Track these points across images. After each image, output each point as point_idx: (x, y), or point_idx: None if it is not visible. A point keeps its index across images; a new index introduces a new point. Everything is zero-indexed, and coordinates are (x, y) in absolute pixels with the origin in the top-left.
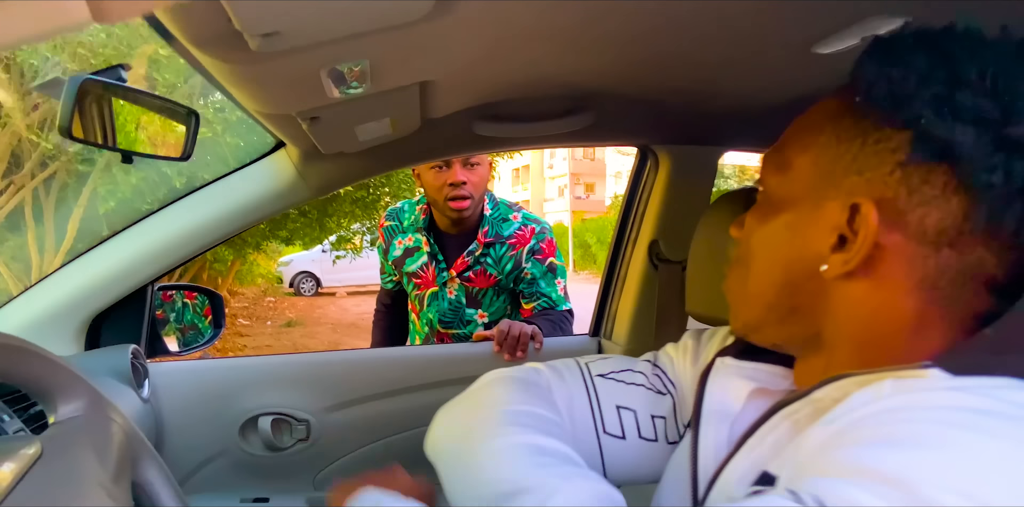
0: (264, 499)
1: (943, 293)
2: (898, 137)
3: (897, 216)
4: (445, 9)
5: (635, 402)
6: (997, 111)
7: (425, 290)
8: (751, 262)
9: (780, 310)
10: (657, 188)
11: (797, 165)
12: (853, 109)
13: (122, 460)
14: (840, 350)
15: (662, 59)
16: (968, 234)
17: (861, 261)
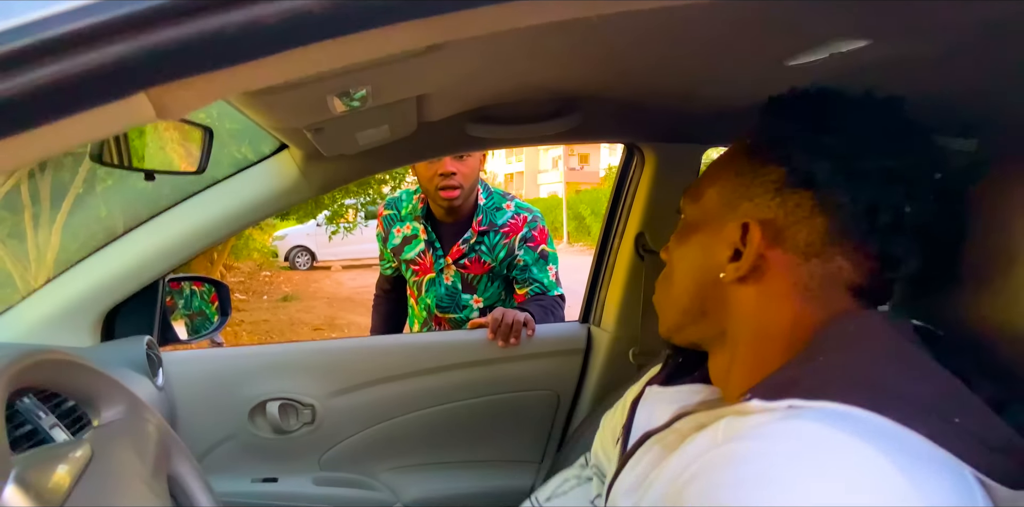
0: (273, 479)
1: (814, 295)
2: (777, 171)
3: (777, 233)
4: (437, 45)
5: (575, 501)
6: (848, 149)
7: (423, 276)
8: (672, 275)
9: (693, 313)
10: (643, 183)
11: (707, 195)
12: (748, 150)
13: (158, 456)
14: (740, 345)
15: (645, 69)
16: (828, 245)
17: (749, 268)
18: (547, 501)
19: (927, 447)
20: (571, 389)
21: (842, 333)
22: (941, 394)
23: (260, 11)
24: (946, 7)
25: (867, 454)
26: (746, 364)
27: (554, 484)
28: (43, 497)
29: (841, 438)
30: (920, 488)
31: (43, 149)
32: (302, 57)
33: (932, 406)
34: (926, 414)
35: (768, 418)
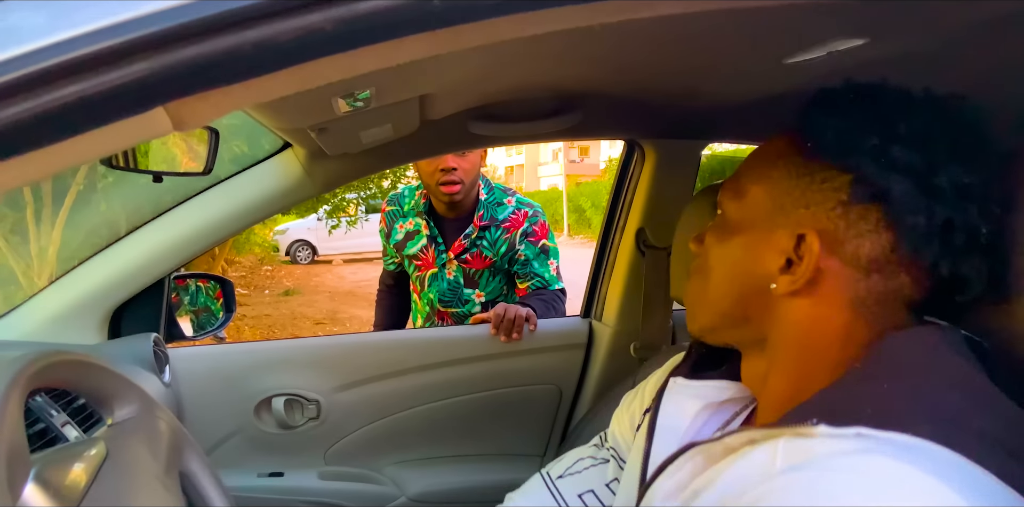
0: (279, 473)
1: (870, 310)
2: (841, 179)
3: (836, 245)
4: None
5: (590, 482)
6: (923, 163)
7: (425, 271)
8: (710, 274)
9: (733, 318)
10: (643, 178)
11: (752, 194)
12: (804, 150)
13: (171, 453)
14: (782, 354)
15: (645, 67)
16: (894, 264)
17: (805, 282)
18: (559, 478)
19: (994, 485)
20: (573, 383)
21: (906, 354)
22: (1008, 428)
23: (275, 29)
24: (940, 6)
25: (942, 492)
26: (788, 374)
27: (568, 461)
28: (62, 495)
29: (917, 476)
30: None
31: (64, 161)
32: (313, 70)
33: (1001, 441)
34: (994, 450)
35: (835, 447)
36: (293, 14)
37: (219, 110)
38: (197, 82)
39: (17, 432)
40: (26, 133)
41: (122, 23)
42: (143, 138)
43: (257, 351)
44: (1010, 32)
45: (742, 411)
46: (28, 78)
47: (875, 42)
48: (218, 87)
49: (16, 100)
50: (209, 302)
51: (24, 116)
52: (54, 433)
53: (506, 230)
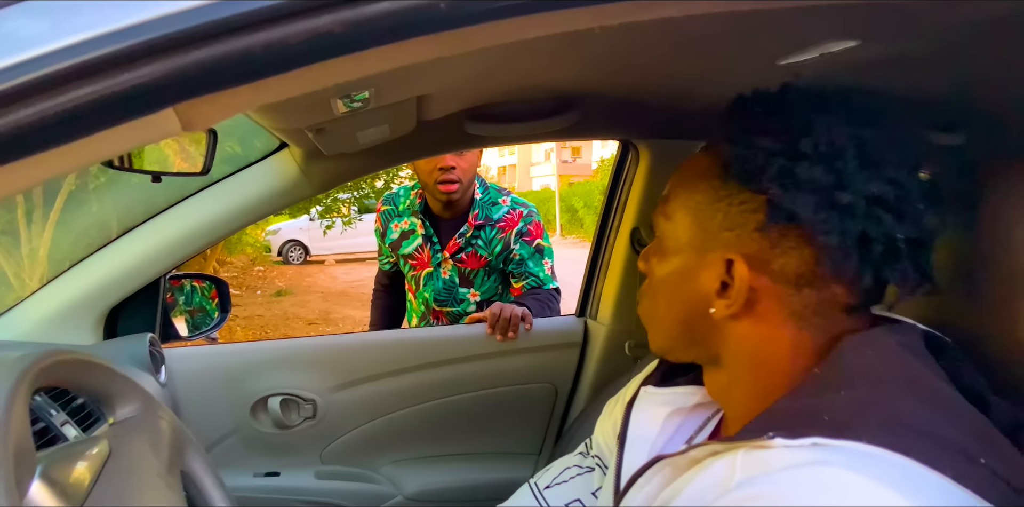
0: (275, 473)
1: (810, 322)
2: (756, 200)
3: (763, 264)
4: None
5: (576, 492)
6: (830, 178)
7: (421, 271)
8: (656, 297)
9: (684, 340)
10: (638, 178)
11: (678, 219)
12: (721, 171)
13: (172, 452)
14: (738, 370)
15: (641, 68)
16: (822, 277)
17: (741, 305)
18: (547, 489)
19: (953, 489)
20: (568, 382)
21: (861, 360)
22: (967, 433)
23: (286, 32)
24: (933, 8)
25: (893, 500)
26: (748, 389)
27: (555, 471)
28: (67, 493)
29: (866, 485)
30: None
31: (76, 162)
32: (320, 71)
33: (959, 446)
34: (953, 455)
35: (791, 459)
36: (303, 17)
37: (227, 111)
38: (207, 84)
39: (23, 430)
40: (43, 133)
41: (135, 26)
42: (153, 139)
43: (253, 351)
44: (1001, 34)
45: (713, 416)
46: (45, 79)
47: (867, 44)
48: (228, 88)
49: (33, 101)
50: (204, 302)
51: (41, 116)
52: (54, 432)
53: (501, 230)
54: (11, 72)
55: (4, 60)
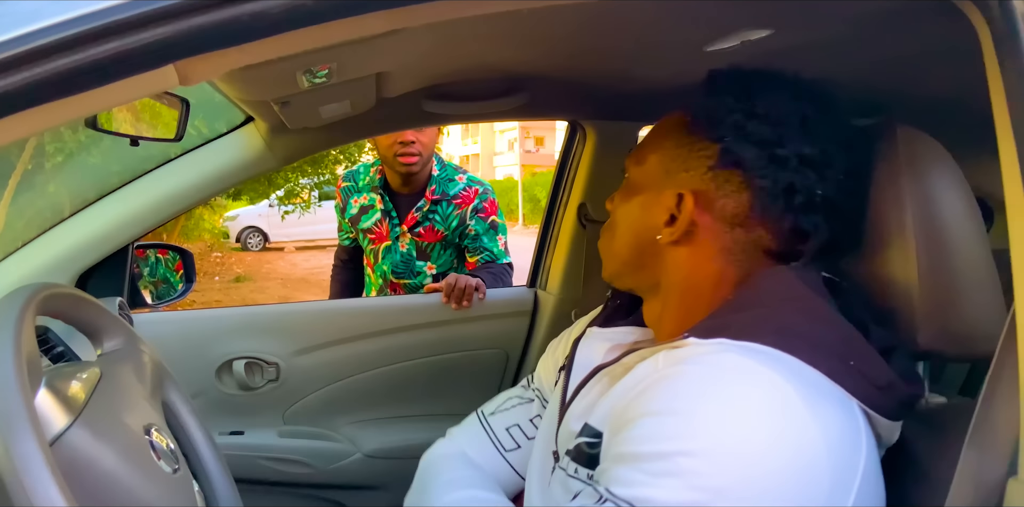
0: (239, 432)
1: (736, 257)
2: (712, 148)
3: (707, 203)
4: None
5: (516, 418)
6: (774, 136)
7: (379, 244)
8: (615, 229)
9: (632, 264)
10: (585, 157)
11: (649, 161)
12: (688, 125)
13: (154, 382)
14: (671, 296)
15: (584, 52)
16: (753, 219)
17: (682, 233)
18: (491, 415)
19: (825, 382)
20: (519, 348)
21: (766, 289)
22: (840, 340)
23: (267, 4)
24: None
25: (775, 380)
26: (676, 312)
27: (499, 400)
28: (67, 403)
29: (756, 367)
30: (813, 409)
31: (93, 106)
32: (293, 38)
33: (832, 350)
34: (827, 356)
35: (701, 350)
36: None
37: (218, 69)
38: (203, 45)
39: (32, 344)
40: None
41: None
42: (156, 90)
43: (219, 317)
44: (893, 25)
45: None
46: (79, 36)
47: (780, 33)
48: (219, 49)
49: (69, 52)
50: (168, 273)
51: (74, 66)
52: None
53: (457, 206)
54: (53, 29)
55: (50, 19)
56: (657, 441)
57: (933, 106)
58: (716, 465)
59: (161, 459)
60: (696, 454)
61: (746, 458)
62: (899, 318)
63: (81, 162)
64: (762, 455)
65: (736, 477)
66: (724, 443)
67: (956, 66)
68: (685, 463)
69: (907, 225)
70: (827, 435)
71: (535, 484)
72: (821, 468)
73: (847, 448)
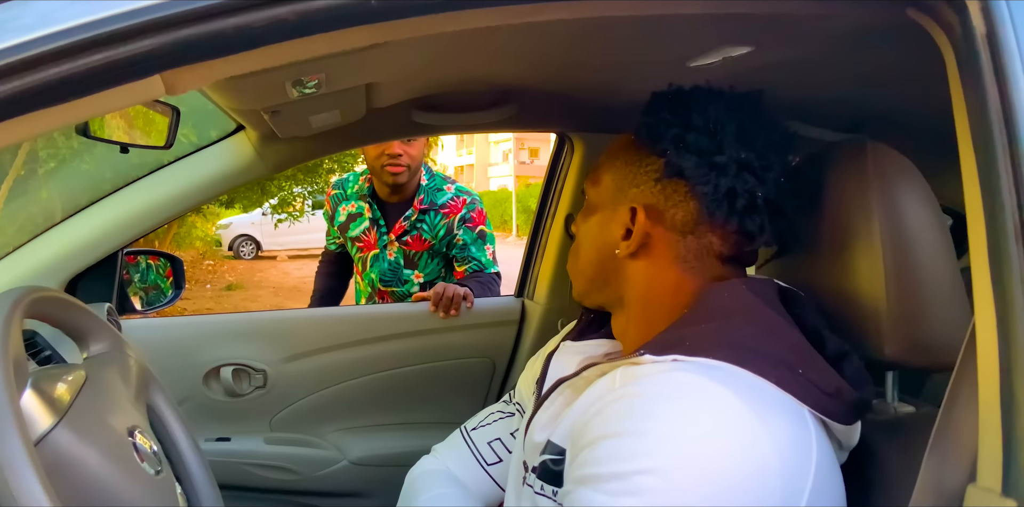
0: (226, 439)
1: (691, 265)
2: (656, 162)
3: (658, 215)
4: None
5: (498, 432)
6: (711, 145)
7: (367, 252)
8: (579, 249)
9: (597, 281)
10: (572, 168)
11: (603, 181)
12: (634, 143)
13: (139, 385)
14: (634, 308)
15: (570, 64)
16: (702, 226)
17: (638, 246)
18: (473, 430)
19: (775, 392)
20: (506, 356)
21: (718, 302)
22: (789, 351)
23: (250, 18)
24: (806, 21)
25: (726, 396)
26: (639, 324)
27: (482, 416)
28: (52, 405)
29: (707, 384)
30: (763, 421)
31: (81, 114)
32: (277, 50)
33: (782, 361)
34: (776, 367)
35: (655, 369)
36: (265, 6)
37: (203, 80)
38: (189, 56)
39: (19, 346)
40: (64, 88)
41: (138, 9)
42: (142, 99)
43: (207, 323)
44: (866, 45)
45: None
46: (68, 47)
47: (760, 50)
48: (204, 61)
49: (58, 63)
50: (159, 279)
51: (63, 75)
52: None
53: (445, 215)
54: (41, 41)
55: (38, 31)
56: (615, 462)
57: (908, 122)
58: (673, 482)
59: (144, 461)
60: (653, 472)
61: (701, 473)
62: (867, 329)
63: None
64: (716, 469)
65: (693, 492)
66: (679, 460)
67: (928, 84)
68: (643, 481)
69: (875, 239)
70: (777, 445)
71: (512, 495)
72: (772, 475)
73: (798, 454)
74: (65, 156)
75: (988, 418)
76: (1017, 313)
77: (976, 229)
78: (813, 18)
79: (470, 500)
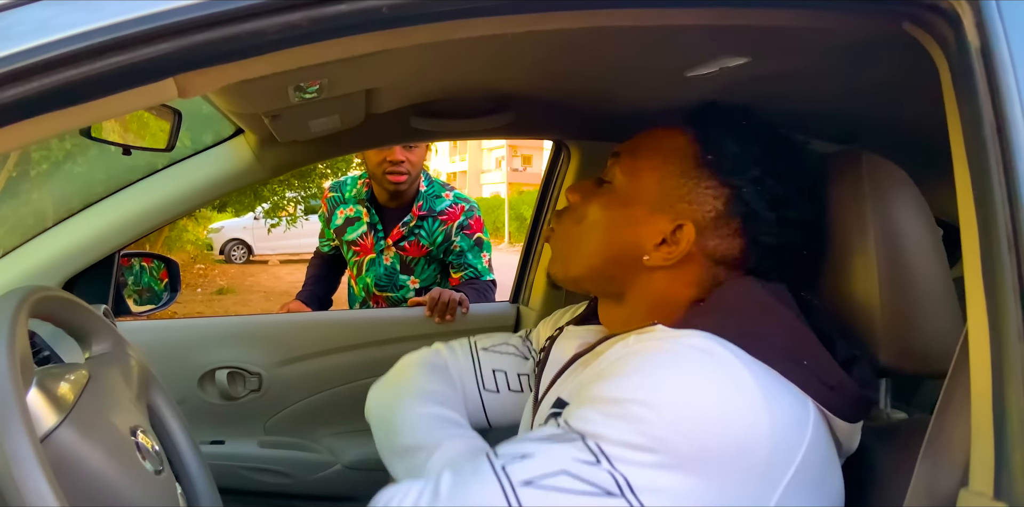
0: (220, 442)
1: (706, 287)
2: (722, 191)
3: (701, 239)
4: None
5: (506, 365)
6: (783, 196)
7: (363, 257)
8: (588, 231)
9: (602, 274)
10: (569, 175)
11: (644, 177)
12: (699, 156)
13: (140, 385)
14: (639, 308)
15: (567, 73)
16: (738, 263)
17: (676, 261)
18: (483, 350)
19: (779, 379)
20: None
21: (731, 296)
22: (795, 343)
23: (265, 23)
24: (802, 33)
25: (736, 363)
26: (644, 323)
27: (496, 339)
28: (57, 403)
29: (720, 349)
30: (766, 395)
31: (94, 116)
32: (288, 55)
33: (787, 351)
34: (781, 356)
35: (670, 333)
36: (278, 13)
37: (215, 83)
38: (202, 60)
39: (25, 344)
40: (79, 90)
41: (154, 14)
42: (155, 102)
43: (203, 326)
44: (862, 56)
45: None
46: (85, 50)
47: (757, 61)
48: (217, 65)
49: (81, 64)
50: (153, 282)
51: (80, 77)
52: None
53: (443, 222)
54: (60, 44)
55: (59, 34)
56: (616, 390)
57: (901, 133)
58: (664, 418)
59: (146, 460)
60: (649, 405)
61: (693, 420)
62: (861, 337)
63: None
64: (708, 421)
65: (680, 433)
66: (676, 403)
67: (922, 96)
68: (637, 410)
69: (870, 249)
70: (773, 413)
71: None
72: (762, 439)
73: (791, 429)
74: (58, 158)
75: (980, 424)
76: (1009, 322)
77: (969, 239)
78: (810, 30)
79: (461, 410)
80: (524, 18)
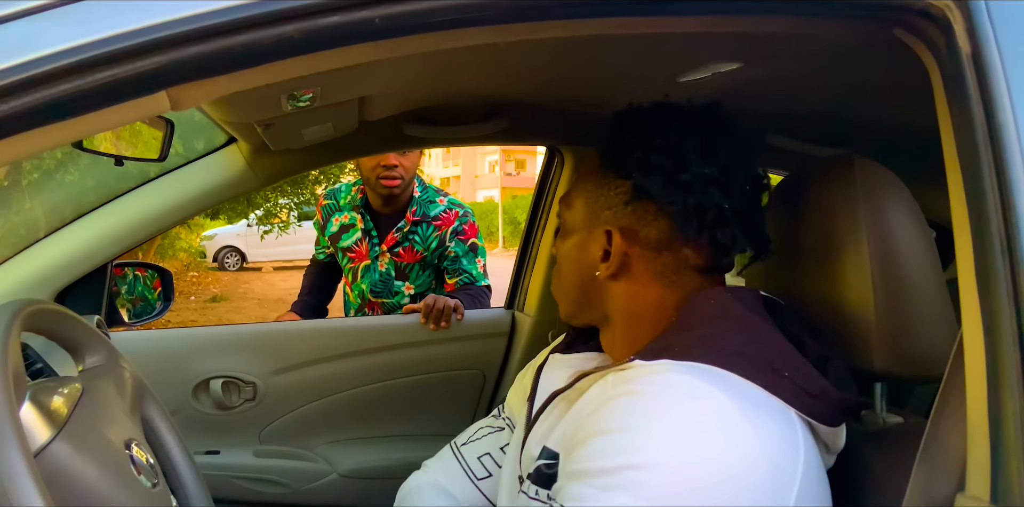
0: (215, 451)
1: (670, 280)
2: (624, 184)
3: (633, 235)
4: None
5: (488, 447)
6: (675, 164)
7: (358, 263)
8: (561, 271)
9: (581, 302)
10: (563, 181)
11: (576, 205)
12: (602, 167)
13: (134, 397)
14: (619, 325)
15: (560, 79)
16: (676, 241)
17: (617, 267)
18: (463, 446)
19: (762, 394)
20: (496, 368)
21: (704, 310)
22: (775, 355)
23: (259, 35)
24: (794, 39)
25: (716, 395)
26: (626, 338)
27: (471, 430)
28: (50, 417)
29: (698, 384)
30: (752, 421)
31: (87, 129)
32: (281, 67)
33: (768, 364)
34: (763, 370)
35: (646, 370)
36: (271, 25)
37: (208, 95)
38: (195, 73)
39: (18, 358)
40: (74, 104)
41: (146, 28)
42: (148, 114)
43: (197, 335)
44: (853, 61)
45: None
46: (77, 64)
47: (749, 66)
48: (210, 77)
49: (72, 78)
50: (146, 291)
51: (76, 90)
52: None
53: (437, 227)
54: (52, 58)
55: (51, 48)
56: (606, 457)
57: (892, 137)
58: (662, 477)
59: (141, 474)
60: (643, 467)
61: (691, 470)
62: (856, 341)
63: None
64: (706, 466)
65: (682, 488)
66: (669, 456)
67: (913, 101)
68: (633, 476)
69: (863, 252)
70: (765, 445)
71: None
72: (761, 472)
73: (786, 454)
74: (49, 167)
75: (976, 428)
76: (1004, 325)
77: (963, 243)
78: (802, 36)
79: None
80: (517, 27)
